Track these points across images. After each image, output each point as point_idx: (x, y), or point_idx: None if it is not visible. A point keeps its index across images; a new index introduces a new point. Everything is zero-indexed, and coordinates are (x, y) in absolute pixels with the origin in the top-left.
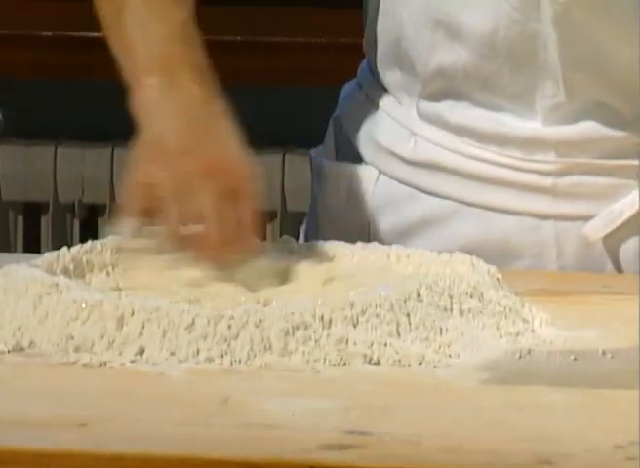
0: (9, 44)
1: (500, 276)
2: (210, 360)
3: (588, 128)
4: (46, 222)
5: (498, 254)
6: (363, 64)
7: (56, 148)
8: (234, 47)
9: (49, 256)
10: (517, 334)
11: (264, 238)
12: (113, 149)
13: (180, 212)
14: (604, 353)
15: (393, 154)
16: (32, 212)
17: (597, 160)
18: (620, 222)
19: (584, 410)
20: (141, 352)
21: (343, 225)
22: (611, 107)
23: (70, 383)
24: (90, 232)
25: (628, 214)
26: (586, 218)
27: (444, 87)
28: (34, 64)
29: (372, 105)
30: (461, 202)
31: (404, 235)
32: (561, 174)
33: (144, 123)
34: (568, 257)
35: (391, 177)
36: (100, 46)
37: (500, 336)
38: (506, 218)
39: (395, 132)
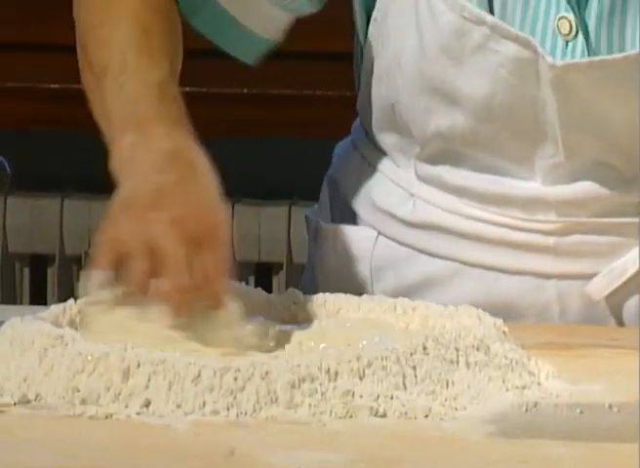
0: (16, 96)
1: (506, 329)
2: (216, 412)
3: (588, 187)
4: (52, 274)
5: (500, 314)
6: (356, 123)
7: (62, 200)
8: (241, 99)
9: (55, 309)
10: (523, 388)
11: (245, 282)
12: None
13: (144, 264)
14: (610, 407)
15: (392, 216)
16: (39, 264)
17: (598, 218)
18: (622, 280)
19: (590, 464)
20: (147, 404)
21: (342, 287)
22: (610, 166)
23: (76, 435)
24: None
25: (631, 271)
26: (589, 277)
27: (442, 149)
28: (40, 116)
29: (368, 166)
30: (462, 262)
31: (405, 296)
32: (562, 233)
33: (120, 181)
34: (570, 316)
35: (390, 239)
36: None
37: (507, 390)
38: (508, 278)
39: (393, 193)
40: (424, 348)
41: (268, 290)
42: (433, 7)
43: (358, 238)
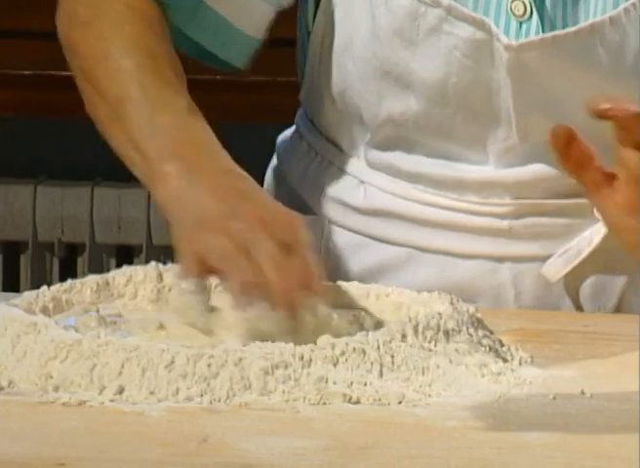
0: None
1: (479, 315)
2: (189, 399)
3: (541, 168)
4: (25, 261)
5: None
6: (300, 113)
7: (35, 187)
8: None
9: (28, 296)
10: (497, 374)
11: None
12: (93, 188)
13: (243, 269)
14: (583, 392)
15: (343, 204)
16: (12, 250)
17: (551, 200)
18: (578, 260)
19: (564, 450)
20: (121, 391)
21: None
22: None
23: (49, 422)
24: (69, 271)
25: (587, 251)
26: (543, 259)
27: (394, 135)
28: (14, 102)
29: (316, 156)
30: (416, 248)
31: (360, 282)
32: (516, 215)
33: (175, 209)
34: (525, 298)
35: (343, 227)
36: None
37: (482, 376)
38: (463, 262)
39: (343, 181)
40: (404, 336)
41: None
42: None
43: (307, 225)
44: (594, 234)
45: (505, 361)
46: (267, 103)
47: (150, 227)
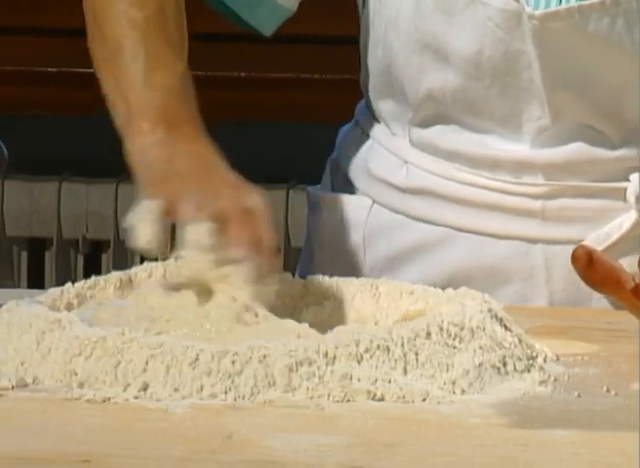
0: (14, 80)
1: (503, 312)
2: (213, 396)
3: (575, 151)
4: (50, 258)
5: (487, 279)
6: (361, 103)
7: (60, 184)
8: (239, 83)
9: (53, 292)
10: (522, 371)
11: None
12: (117, 185)
13: (210, 215)
14: (608, 390)
15: (386, 183)
16: (36, 247)
17: (585, 183)
18: (606, 245)
19: (588, 447)
20: (145, 388)
21: (337, 253)
22: (597, 130)
23: (74, 419)
24: (94, 268)
25: (616, 236)
26: (575, 242)
27: (434, 112)
28: (38, 100)
29: (366, 138)
30: (452, 228)
31: (396, 262)
32: (549, 197)
33: (144, 160)
34: (557, 282)
35: (385, 206)
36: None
37: (506, 373)
38: (496, 243)
39: (388, 161)
40: (428, 333)
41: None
42: None
43: (353, 206)
44: (625, 221)
45: (529, 358)
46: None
47: None
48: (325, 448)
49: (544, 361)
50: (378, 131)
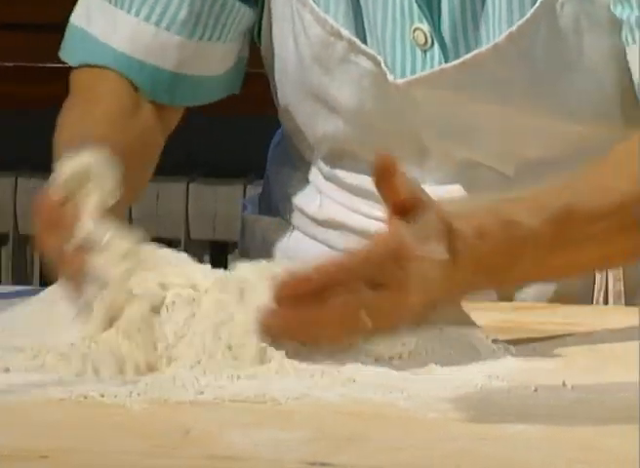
0: None
1: (462, 309)
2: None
3: (470, 186)
4: (6, 254)
5: None
6: None
7: (16, 179)
8: None
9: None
10: (480, 366)
11: (200, 260)
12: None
13: None
14: (564, 384)
15: (303, 212)
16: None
17: None
18: None
19: (546, 441)
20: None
21: None
22: (488, 167)
23: (30, 415)
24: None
25: None
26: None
27: (334, 151)
28: None
29: (288, 161)
30: None
31: None
32: None
33: None
34: None
35: (304, 234)
36: (62, 76)
37: (464, 368)
38: None
39: (305, 190)
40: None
41: (224, 268)
42: (303, 18)
43: (275, 229)
44: None
45: (488, 353)
46: None
47: (188, 222)
48: (285, 443)
49: (502, 356)
50: (296, 156)
